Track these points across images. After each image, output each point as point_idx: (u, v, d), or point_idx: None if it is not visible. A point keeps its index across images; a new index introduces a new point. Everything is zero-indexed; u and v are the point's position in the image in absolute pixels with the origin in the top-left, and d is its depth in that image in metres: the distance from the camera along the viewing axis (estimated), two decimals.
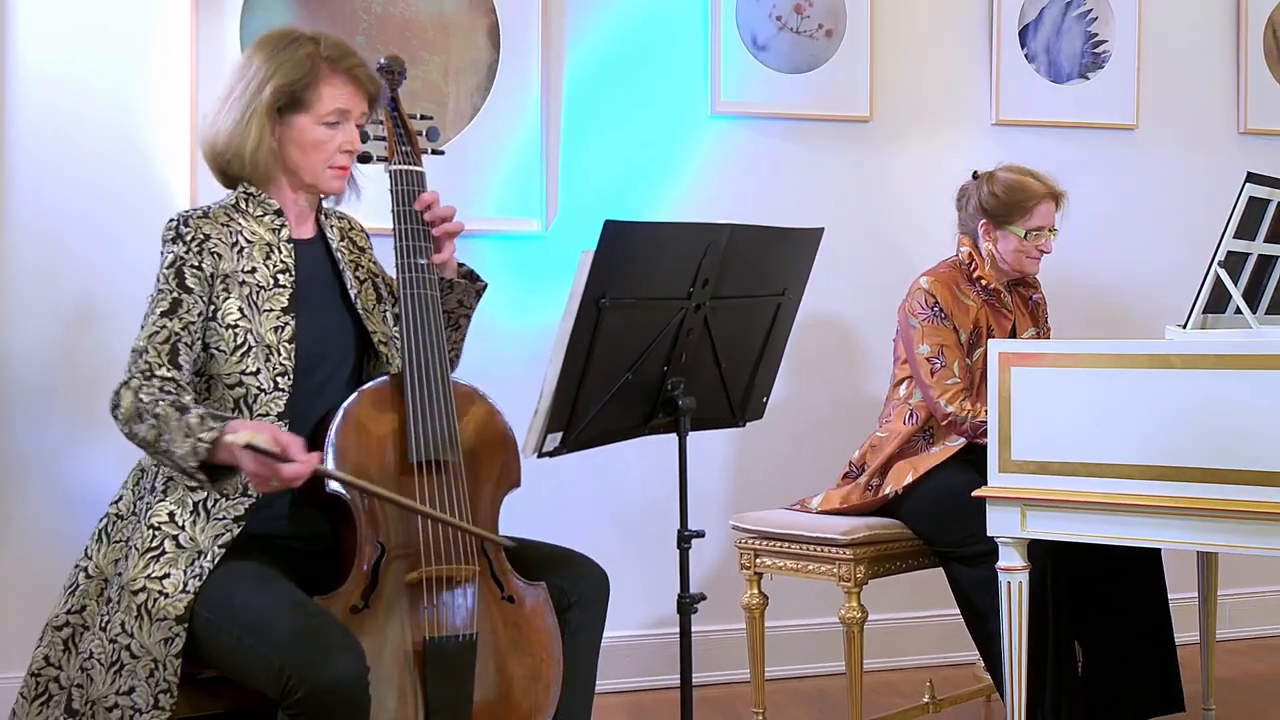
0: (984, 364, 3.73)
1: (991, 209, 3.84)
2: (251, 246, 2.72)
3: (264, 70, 2.72)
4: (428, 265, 2.81)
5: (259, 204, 2.76)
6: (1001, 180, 3.87)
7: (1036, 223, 3.82)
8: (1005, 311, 3.87)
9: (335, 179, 2.80)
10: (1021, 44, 4.79)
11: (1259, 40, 5.05)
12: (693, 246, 2.71)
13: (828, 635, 4.35)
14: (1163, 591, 3.68)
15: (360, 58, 2.80)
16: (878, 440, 3.85)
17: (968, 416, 3.64)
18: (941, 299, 3.75)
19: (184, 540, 2.56)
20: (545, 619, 2.74)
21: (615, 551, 3.50)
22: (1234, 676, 4.54)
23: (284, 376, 2.67)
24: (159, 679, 2.50)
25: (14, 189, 3.93)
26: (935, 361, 3.70)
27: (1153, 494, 2.91)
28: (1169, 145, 4.99)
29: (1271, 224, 3.44)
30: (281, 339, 2.68)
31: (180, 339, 2.60)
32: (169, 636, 2.50)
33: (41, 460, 3.95)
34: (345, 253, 2.91)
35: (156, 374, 2.56)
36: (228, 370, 2.64)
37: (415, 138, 2.96)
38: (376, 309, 2.91)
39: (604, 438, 2.81)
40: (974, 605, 3.58)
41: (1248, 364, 2.81)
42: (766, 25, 4.52)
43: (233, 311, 2.65)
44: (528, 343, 4.16)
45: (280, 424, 2.63)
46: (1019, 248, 3.83)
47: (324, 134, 2.75)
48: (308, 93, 2.72)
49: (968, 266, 3.84)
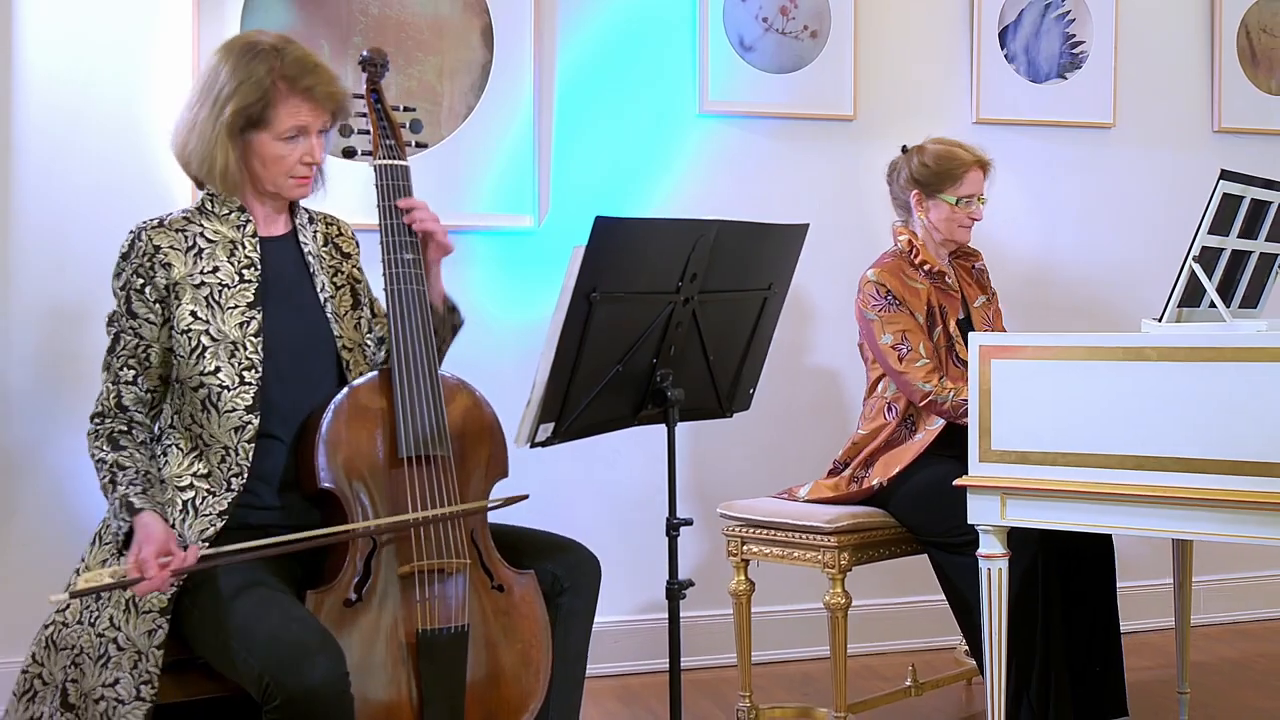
0: (945, 342, 3.79)
1: (922, 179, 3.92)
2: (213, 246, 2.73)
3: (227, 88, 2.72)
4: (414, 260, 2.81)
5: (223, 204, 2.78)
6: (930, 151, 3.94)
7: (966, 190, 3.88)
8: (952, 291, 3.90)
9: (297, 188, 2.81)
10: (1001, 45, 4.81)
11: (1233, 42, 5.08)
12: (681, 242, 2.72)
13: (812, 620, 4.36)
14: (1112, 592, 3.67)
15: (321, 73, 2.78)
16: (859, 438, 3.87)
17: (948, 395, 3.65)
18: (892, 287, 3.78)
19: None
20: (535, 606, 2.76)
21: (605, 539, 3.50)
22: (1208, 661, 4.57)
23: (251, 370, 2.68)
24: (142, 670, 2.52)
25: (20, 188, 3.94)
26: (901, 348, 3.73)
27: (1129, 483, 2.92)
28: (1145, 144, 5.01)
29: (1245, 220, 3.44)
30: (247, 334, 2.69)
31: (121, 379, 2.72)
32: (152, 629, 2.54)
33: (45, 456, 3.96)
34: (325, 256, 2.91)
35: (106, 416, 2.73)
36: (189, 374, 2.67)
37: (399, 131, 2.95)
38: (350, 314, 2.90)
39: (595, 428, 2.81)
40: (959, 592, 3.58)
41: (1221, 356, 2.83)
42: (753, 26, 4.54)
43: (186, 316, 2.68)
44: (520, 335, 4.17)
45: (250, 417, 2.66)
46: (950, 215, 3.89)
47: (283, 149, 2.76)
48: (266, 112, 2.72)
49: (909, 254, 3.89)
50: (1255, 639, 4.91)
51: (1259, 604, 5.14)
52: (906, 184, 3.95)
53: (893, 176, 4.02)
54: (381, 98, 2.97)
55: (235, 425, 2.66)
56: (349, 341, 2.86)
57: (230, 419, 2.66)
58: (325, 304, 2.85)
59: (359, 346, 2.89)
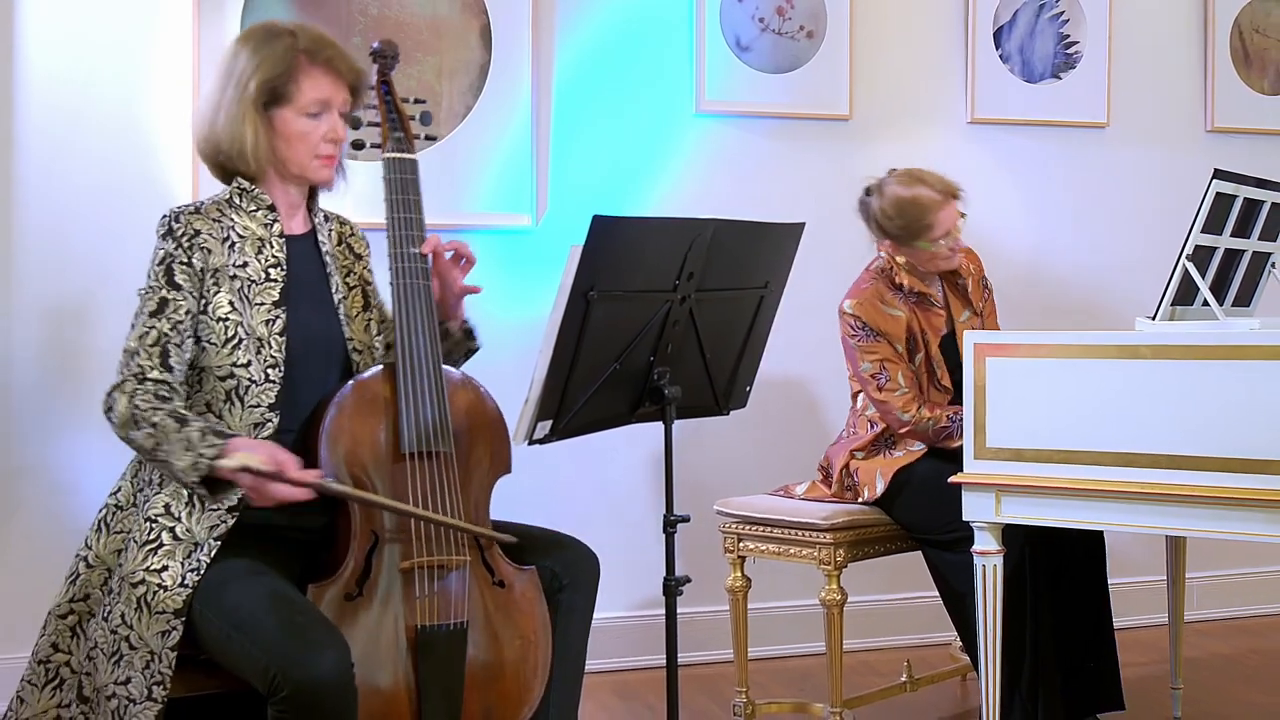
0: (926, 367, 3.75)
1: (892, 231, 3.75)
2: (243, 241, 2.71)
3: (249, 66, 2.72)
4: (420, 255, 2.79)
5: (252, 199, 2.76)
6: (893, 199, 3.74)
7: (940, 231, 3.71)
8: (936, 309, 3.82)
9: (322, 168, 2.80)
10: (996, 45, 4.82)
11: (1226, 42, 5.10)
12: (678, 241, 2.73)
13: (808, 617, 4.33)
14: (1104, 588, 3.67)
15: (339, 48, 2.79)
16: (837, 447, 3.88)
17: (928, 424, 3.65)
18: (868, 319, 3.71)
19: (180, 532, 2.57)
20: (535, 603, 2.75)
21: (603, 535, 3.48)
22: (1201, 657, 4.58)
23: (275, 369, 2.67)
24: (154, 671, 2.50)
25: (21, 187, 3.95)
26: (880, 377, 3.69)
27: (1123, 480, 2.94)
28: (1138, 143, 5.03)
29: (1237, 219, 3.45)
30: (273, 331, 2.68)
31: (169, 339, 2.61)
32: (166, 630, 2.50)
33: (46, 453, 3.97)
34: (340, 256, 2.90)
35: (149, 377, 2.59)
36: (219, 362, 2.64)
37: (408, 123, 2.93)
38: (360, 316, 2.89)
39: (592, 425, 2.82)
40: (953, 589, 3.59)
41: (1214, 355, 2.84)
42: (749, 27, 4.56)
43: (223, 305, 2.65)
44: (518, 334, 4.13)
45: (272, 415, 2.65)
46: (931, 255, 3.75)
47: (307, 125, 2.74)
48: (288, 86, 2.72)
49: (889, 272, 3.77)
50: (1248, 634, 4.93)
51: (1251, 600, 5.15)
52: (878, 233, 3.81)
53: (865, 216, 3.86)
54: (391, 89, 2.95)
55: (256, 421, 2.65)
56: (359, 343, 2.85)
57: (252, 414, 2.64)
58: (339, 305, 2.84)
59: (369, 349, 2.87)
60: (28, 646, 2.71)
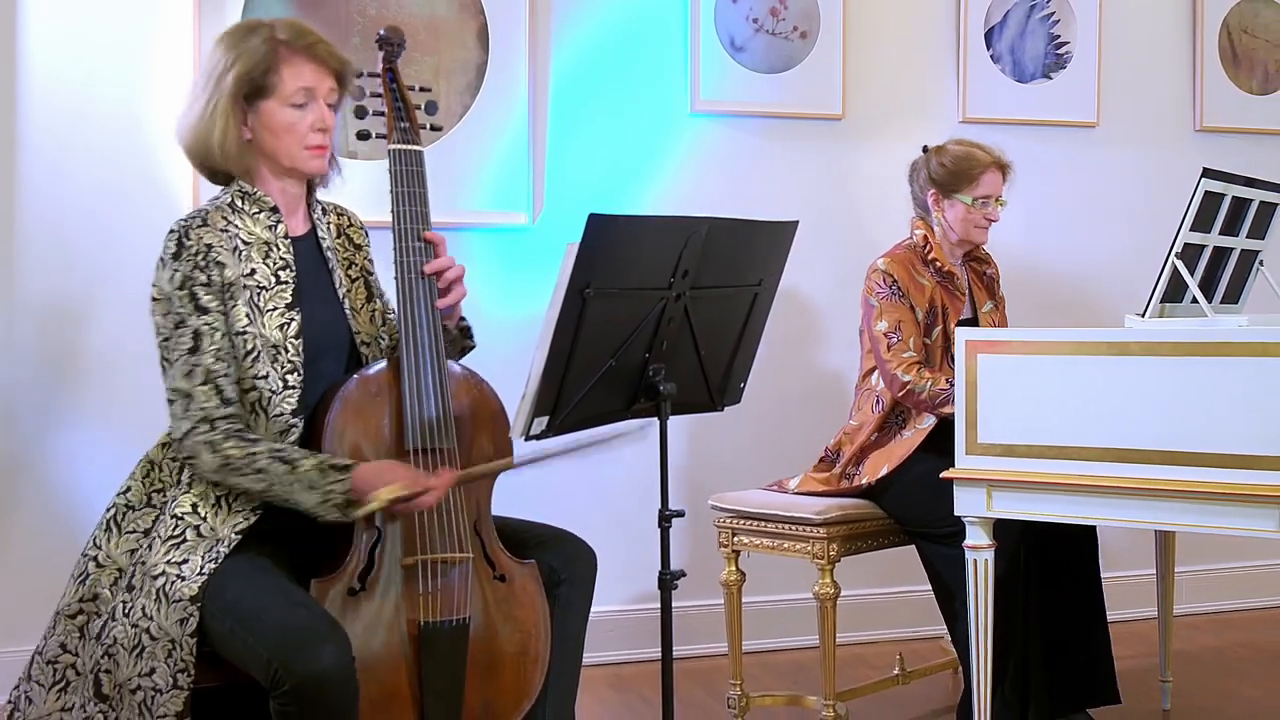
0: (942, 343, 3.77)
1: (940, 179, 3.91)
2: (249, 248, 2.66)
3: (225, 61, 2.67)
4: (425, 248, 2.76)
5: (254, 201, 2.71)
6: (950, 152, 3.94)
7: (983, 191, 3.88)
8: (959, 294, 3.89)
9: (313, 159, 2.73)
10: (987, 45, 4.85)
11: (1214, 42, 5.12)
12: (673, 239, 2.73)
13: (802, 610, 4.36)
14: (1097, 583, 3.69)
15: (319, 36, 2.74)
16: (850, 429, 3.88)
17: (925, 385, 3.66)
18: (899, 277, 3.80)
19: (204, 530, 2.58)
20: (535, 597, 2.76)
21: (599, 530, 3.46)
22: (1190, 650, 4.61)
23: (294, 374, 2.65)
24: (177, 659, 2.49)
25: (24, 187, 3.97)
26: (892, 337, 3.74)
27: (1113, 475, 2.95)
28: (1128, 142, 5.04)
29: (1226, 217, 3.48)
30: (288, 335, 2.65)
31: (217, 374, 2.58)
32: (184, 617, 2.50)
33: (47, 452, 3.99)
34: (340, 248, 2.87)
35: (215, 417, 2.57)
36: (241, 375, 2.61)
37: (414, 113, 2.87)
38: (365, 308, 2.87)
39: (588, 421, 2.81)
40: (945, 582, 3.61)
41: (1203, 351, 2.86)
42: (744, 27, 4.58)
43: (241, 318, 2.61)
44: (515, 330, 4.13)
45: (296, 420, 2.63)
46: (967, 216, 3.88)
47: (293, 115, 2.69)
48: (269, 77, 2.66)
49: (922, 249, 3.89)
50: (1236, 628, 4.96)
51: (1240, 594, 5.18)
52: (925, 184, 3.95)
53: (913, 176, 4.02)
54: (397, 77, 2.90)
55: (281, 429, 2.62)
56: (366, 336, 2.83)
57: (277, 423, 2.62)
58: (344, 299, 2.82)
59: (375, 340, 2.85)
60: (27, 643, 2.71)
